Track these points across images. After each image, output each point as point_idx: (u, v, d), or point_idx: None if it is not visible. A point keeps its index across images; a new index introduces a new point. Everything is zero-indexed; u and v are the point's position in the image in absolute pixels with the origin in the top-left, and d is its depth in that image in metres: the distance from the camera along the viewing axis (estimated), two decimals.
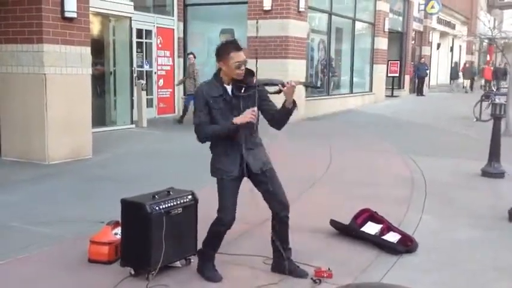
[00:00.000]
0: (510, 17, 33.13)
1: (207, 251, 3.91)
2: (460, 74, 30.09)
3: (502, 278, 4.12)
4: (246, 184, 3.87)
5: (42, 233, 4.81)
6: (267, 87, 3.77)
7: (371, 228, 4.81)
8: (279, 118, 3.79)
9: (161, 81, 13.81)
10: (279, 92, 3.69)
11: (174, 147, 9.63)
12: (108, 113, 12.27)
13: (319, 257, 4.24)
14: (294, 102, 3.68)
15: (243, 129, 3.68)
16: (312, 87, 3.96)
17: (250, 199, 3.86)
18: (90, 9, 8.74)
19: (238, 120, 3.63)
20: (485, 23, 25.92)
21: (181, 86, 13.95)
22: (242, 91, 3.69)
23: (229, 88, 3.72)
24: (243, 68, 3.66)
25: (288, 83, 3.61)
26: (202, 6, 14.66)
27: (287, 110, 3.71)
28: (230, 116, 3.67)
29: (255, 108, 3.63)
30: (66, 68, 7.98)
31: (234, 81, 3.71)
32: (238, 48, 3.67)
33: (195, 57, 12.74)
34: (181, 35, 14.57)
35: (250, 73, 3.72)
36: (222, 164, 3.75)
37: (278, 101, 3.79)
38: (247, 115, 3.62)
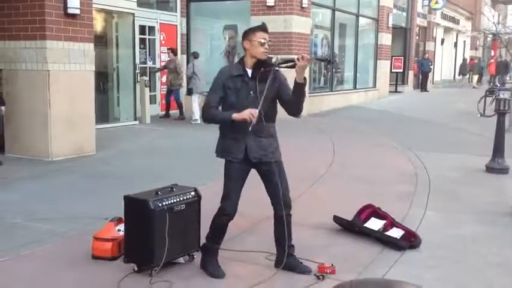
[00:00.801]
0: None
1: (210, 245, 3.91)
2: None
3: (505, 274, 4.11)
4: (250, 181, 3.86)
5: (46, 230, 4.82)
6: (282, 65, 3.79)
7: (374, 224, 4.80)
8: (294, 98, 3.77)
9: (164, 78, 13.80)
10: (293, 66, 3.69)
11: (178, 143, 9.64)
12: (111, 109, 12.28)
13: (322, 253, 4.24)
14: (304, 78, 3.70)
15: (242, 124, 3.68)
16: (324, 61, 4.03)
17: None
18: (93, 5, 8.73)
19: (236, 116, 3.65)
20: (489, 18, 25.86)
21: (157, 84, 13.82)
22: (261, 70, 3.72)
23: (249, 71, 3.76)
24: (266, 47, 3.73)
25: (302, 57, 3.63)
26: (205, 2, 14.64)
27: (299, 86, 3.70)
28: (245, 97, 3.70)
29: (257, 111, 3.61)
30: (69, 64, 7.99)
31: (256, 63, 3.74)
32: (264, 29, 3.80)
33: (175, 54, 12.96)
34: (185, 31, 14.57)
35: (270, 58, 3.78)
36: (228, 147, 3.79)
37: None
38: (246, 114, 3.62)
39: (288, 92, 3.82)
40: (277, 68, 3.75)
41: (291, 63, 3.72)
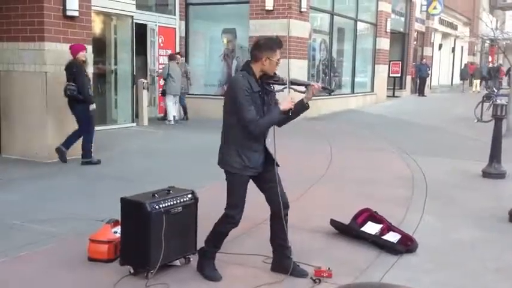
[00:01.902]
0: None
1: (209, 249, 3.90)
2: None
3: (502, 279, 4.11)
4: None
5: (42, 231, 4.81)
6: (293, 86, 3.81)
7: (371, 228, 4.80)
8: (287, 117, 3.81)
9: (162, 81, 13.79)
10: (303, 92, 3.77)
11: (175, 146, 9.63)
12: (109, 111, 12.28)
13: (319, 257, 4.24)
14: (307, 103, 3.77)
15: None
16: (328, 91, 4.08)
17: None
18: (92, 7, 8.74)
19: (284, 107, 3.69)
20: (487, 23, 25.89)
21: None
22: (272, 87, 3.78)
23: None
24: (278, 64, 3.77)
25: (314, 85, 3.74)
26: (204, 5, 14.65)
27: (304, 107, 3.77)
28: (261, 111, 3.70)
29: (290, 97, 3.72)
30: None
31: (264, 77, 3.74)
32: (281, 46, 3.77)
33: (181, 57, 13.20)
34: (183, 34, 14.57)
35: (278, 76, 3.81)
36: (250, 160, 3.72)
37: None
38: (289, 102, 3.69)
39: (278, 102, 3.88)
40: (286, 87, 3.75)
41: (303, 90, 3.77)
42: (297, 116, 3.79)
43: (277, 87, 3.81)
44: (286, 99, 3.70)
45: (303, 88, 3.79)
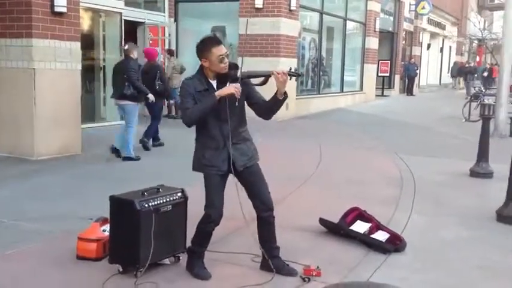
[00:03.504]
0: (500, 19, 33.36)
1: (196, 249, 3.89)
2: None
3: (489, 278, 4.15)
4: (237, 183, 3.86)
5: (31, 229, 4.78)
6: (251, 80, 3.75)
7: (360, 226, 4.82)
8: (269, 108, 3.77)
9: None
10: (264, 83, 3.69)
11: (165, 144, 9.59)
12: (97, 109, 12.20)
13: (308, 255, 4.24)
14: (285, 93, 3.66)
15: (223, 105, 3.61)
16: (295, 76, 3.97)
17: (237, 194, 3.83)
18: (81, 4, 8.68)
19: (221, 92, 3.59)
20: (475, 24, 26.09)
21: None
22: (227, 85, 3.65)
23: (214, 83, 3.71)
24: (226, 61, 3.65)
25: (278, 72, 3.60)
26: (193, 3, 14.62)
27: (278, 101, 3.68)
28: (216, 111, 3.63)
29: (238, 85, 3.59)
30: (55, 62, 7.93)
31: (218, 75, 3.68)
32: (218, 42, 3.69)
33: (172, 55, 13.19)
34: (172, 32, 14.50)
35: (234, 66, 3.72)
36: (209, 159, 3.71)
37: (266, 92, 3.79)
38: (231, 88, 3.58)
39: (258, 95, 3.80)
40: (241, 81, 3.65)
41: (260, 81, 3.67)
42: (277, 107, 3.71)
43: (256, 80, 3.70)
44: (229, 87, 3.59)
45: (258, 80, 3.71)
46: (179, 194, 4.04)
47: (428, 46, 31.95)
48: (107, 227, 4.05)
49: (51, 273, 3.89)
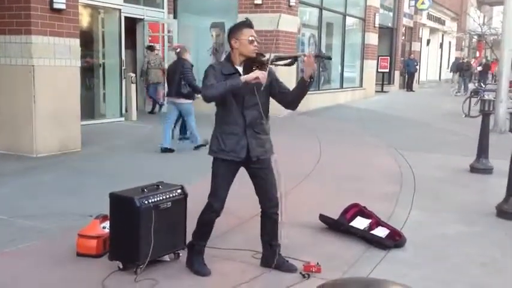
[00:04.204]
0: (500, 14, 33.29)
1: (196, 242, 3.88)
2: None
3: (488, 273, 4.15)
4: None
5: (30, 227, 4.78)
6: (277, 62, 3.73)
7: (360, 223, 4.82)
8: (296, 95, 3.75)
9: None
10: (290, 64, 3.68)
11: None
12: (97, 105, 12.19)
13: (308, 252, 4.25)
14: (311, 77, 3.62)
15: (246, 90, 3.59)
16: (325, 58, 4.06)
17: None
18: (80, 0, 8.66)
19: (247, 77, 3.56)
20: (475, 19, 26.04)
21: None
22: (253, 69, 3.63)
23: (240, 69, 3.69)
24: (256, 44, 3.67)
25: (306, 55, 3.58)
26: None
27: (304, 84, 3.64)
28: (240, 97, 3.62)
29: (265, 72, 3.57)
30: (54, 59, 7.91)
31: (246, 60, 3.67)
32: (250, 25, 3.72)
33: (152, 50, 13.11)
34: (172, 28, 14.47)
35: (261, 55, 3.71)
36: (228, 145, 3.67)
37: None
38: (257, 72, 3.56)
39: (283, 85, 3.80)
40: (270, 66, 3.66)
41: (287, 61, 3.66)
42: (303, 93, 3.69)
43: (259, 67, 3.64)
44: (255, 72, 3.57)
45: (287, 61, 3.71)
46: (179, 191, 4.04)
47: (428, 42, 31.92)
48: (107, 223, 4.05)
49: (51, 270, 3.89)
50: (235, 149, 3.67)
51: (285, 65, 3.74)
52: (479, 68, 26.70)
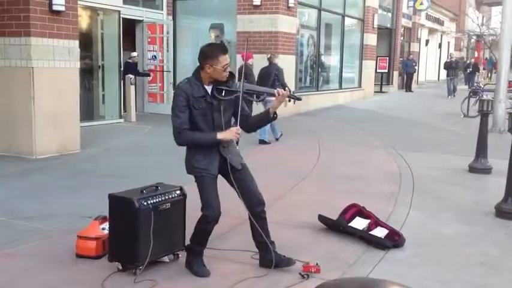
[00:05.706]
0: (498, 14, 33.32)
1: (194, 247, 3.90)
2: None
3: (488, 273, 4.16)
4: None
5: (30, 228, 4.78)
6: (246, 95, 3.80)
7: (359, 223, 4.83)
8: (256, 122, 3.91)
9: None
10: (261, 100, 3.84)
11: (163, 142, 9.57)
12: (96, 107, 12.20)
13: (307, 252, 4.25)
14: (275, 113, 3.78)
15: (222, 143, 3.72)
16: (294, 99, 4.09)
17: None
18: (79, 2, 8.67)
19: (222, 136, 3.66)
20: (473, 19, 26.04)
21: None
22: (223, 94, 3.68)
23: (209, 89, 3.70)
24: (228, 70, 3.69)
25: (279, 92, 3.70)
26: (191, 0, 14.59)
27: (268, 118, 3.82)
28: (210, 117, 3.68)
29: (239, 128, 3.68)
30: (54, 61, 7.92)
31: (215, 82, 3.69)
32: (225, 51, 3.71)
33: None
34: (171, 30, 14.49)
35: (231, 75, 3.74)
36: (201, 163, 3.73)
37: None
38: (232, 133, 3.67)
39: (245, 108, 3.85)
40: (238, 95, 3.69)
41: (260, 98, 3.81)
42: (265, 123, 3.83)
43: (229, 94, 3.69)
44: (231, 130, 3.68)
45: (255, 99, 3.87)
46: (178, 192, 4.04)
47: (427, 42, 31.94)
48: (106, 225, 4.06)
49: (50, 271, 3.90)
50: (210, 167, 3.73)
51: (257, 100, 3.87)
52: (469, 70, 26.67)
